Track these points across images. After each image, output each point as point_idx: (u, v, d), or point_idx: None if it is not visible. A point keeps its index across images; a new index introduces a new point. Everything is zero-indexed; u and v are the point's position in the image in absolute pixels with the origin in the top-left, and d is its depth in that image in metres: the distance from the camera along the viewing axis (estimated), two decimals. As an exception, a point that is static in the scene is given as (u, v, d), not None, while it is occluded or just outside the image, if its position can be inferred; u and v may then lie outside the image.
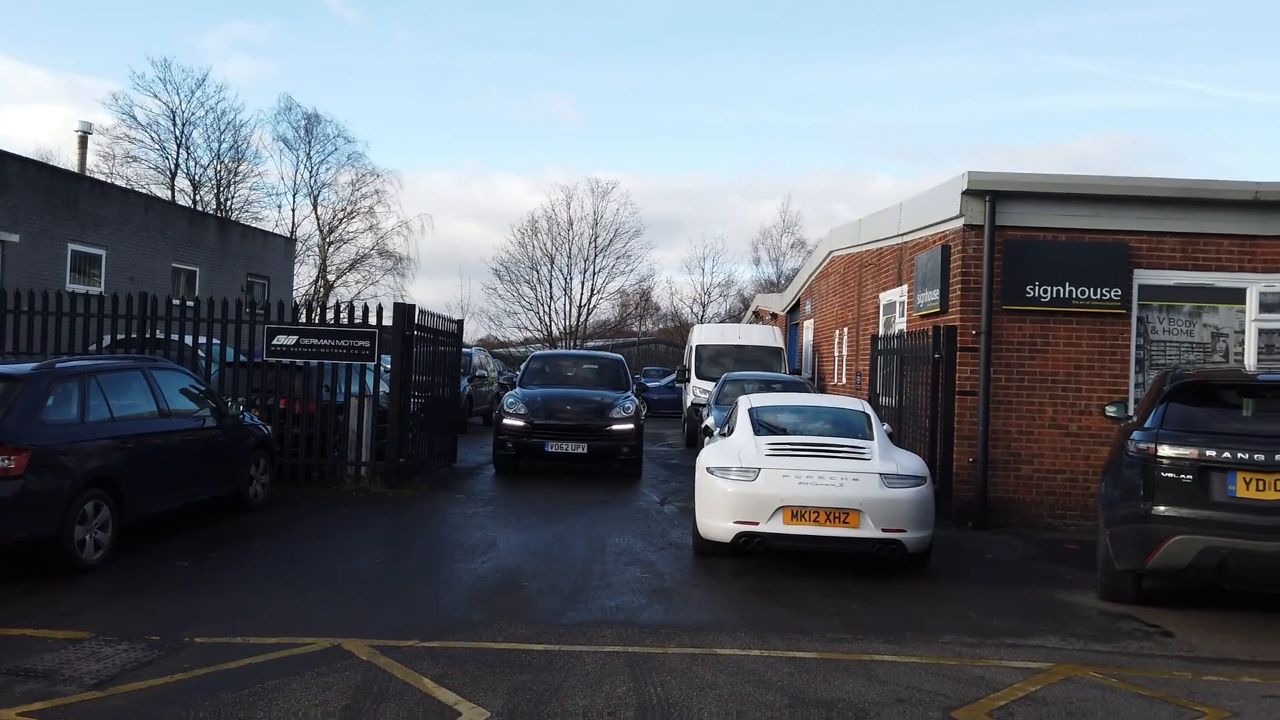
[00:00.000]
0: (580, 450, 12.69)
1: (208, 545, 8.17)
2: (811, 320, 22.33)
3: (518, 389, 14.12)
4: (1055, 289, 10.57)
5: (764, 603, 6.94)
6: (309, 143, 46.47)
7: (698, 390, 18.65)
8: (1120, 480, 6.89)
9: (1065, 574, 8.21)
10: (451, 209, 78.63)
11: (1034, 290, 10.57)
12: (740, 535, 7.54)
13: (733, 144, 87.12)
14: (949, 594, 7.40)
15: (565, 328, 53.57)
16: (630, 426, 13.06)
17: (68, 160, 31.48)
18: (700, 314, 55.21)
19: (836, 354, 18.26)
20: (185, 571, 7.32)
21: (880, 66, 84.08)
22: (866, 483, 7.47)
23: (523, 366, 15.86)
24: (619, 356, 15.95)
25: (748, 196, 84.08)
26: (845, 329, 17.52)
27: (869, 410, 8.94)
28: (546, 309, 53.34)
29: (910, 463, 8.00)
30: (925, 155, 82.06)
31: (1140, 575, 6.93)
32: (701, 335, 21.30)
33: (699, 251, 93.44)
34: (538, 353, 17.62)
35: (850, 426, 8.48)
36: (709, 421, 11.25)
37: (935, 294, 11.28)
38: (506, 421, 12.96)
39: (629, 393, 14.16)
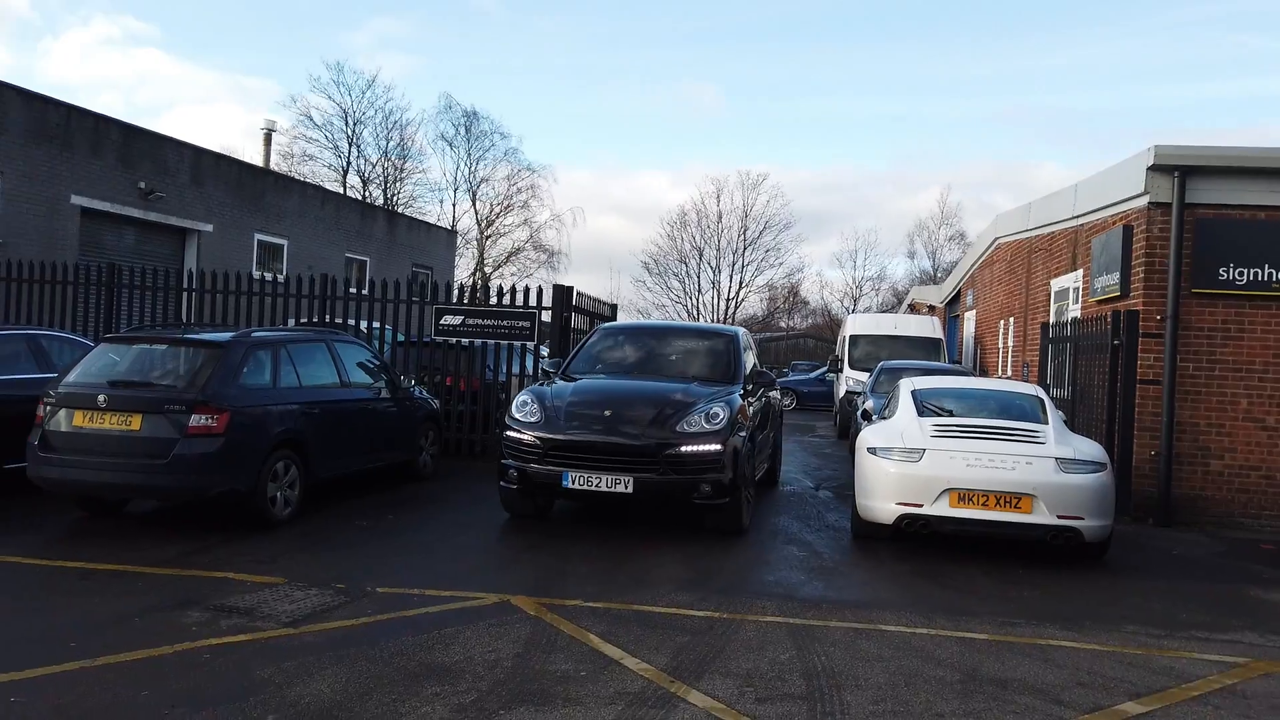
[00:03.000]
0: (620, 488, 7.41)
1: (383, 508, 8.64)
2: (973, 311, 21.47)
3: (545, 383, 8.82)
4: (1253, 272, 9.75)
5: (928, 585, 6.73)
6: (468, 140, 48.43)
7: (851, 380, 18.26)
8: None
9: (1263, 573, 7.58)
10: (592, 204, 79.92)
11: (1228, 273, 9.78)
12: (903, 517, 7.34)
13: (884, 134, 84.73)
14: (1130, 586, 6.97)
15: (713, 320, 53.55)
16: (714, 447, 7.52)
17: (245, 158, 33.92)
18: (851, 309, 54.02)
19: (1001, 345, 17.49)
20: (364, 530, 7.76)
21: (1047, 51, 79.79)
22: (1041, 467, 7.12)
23: (579, 344, 10.08)
24: (733, 330, 10.00)
25: (901, 188, 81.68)
26: (1011, 318, 16.75)
27: (1042, 394, 8.52)
28: (694, 302, 53.52)
29: (1089, 448, 7.57)
30: (1097, 143, 77.43)
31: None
32: (856, 324, 20.85)
33: (850, 245, 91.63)
34: (606, 325, 10.98)
35: (1022, 410, 8.10)
36: (867, 405, 10.62)
37: (1115, 278, 10.62)
38: (510, 434, 7.92)
39: (733, 388, 8.51)
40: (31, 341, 8.82)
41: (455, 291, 12.59)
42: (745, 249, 53.31)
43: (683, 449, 7.51)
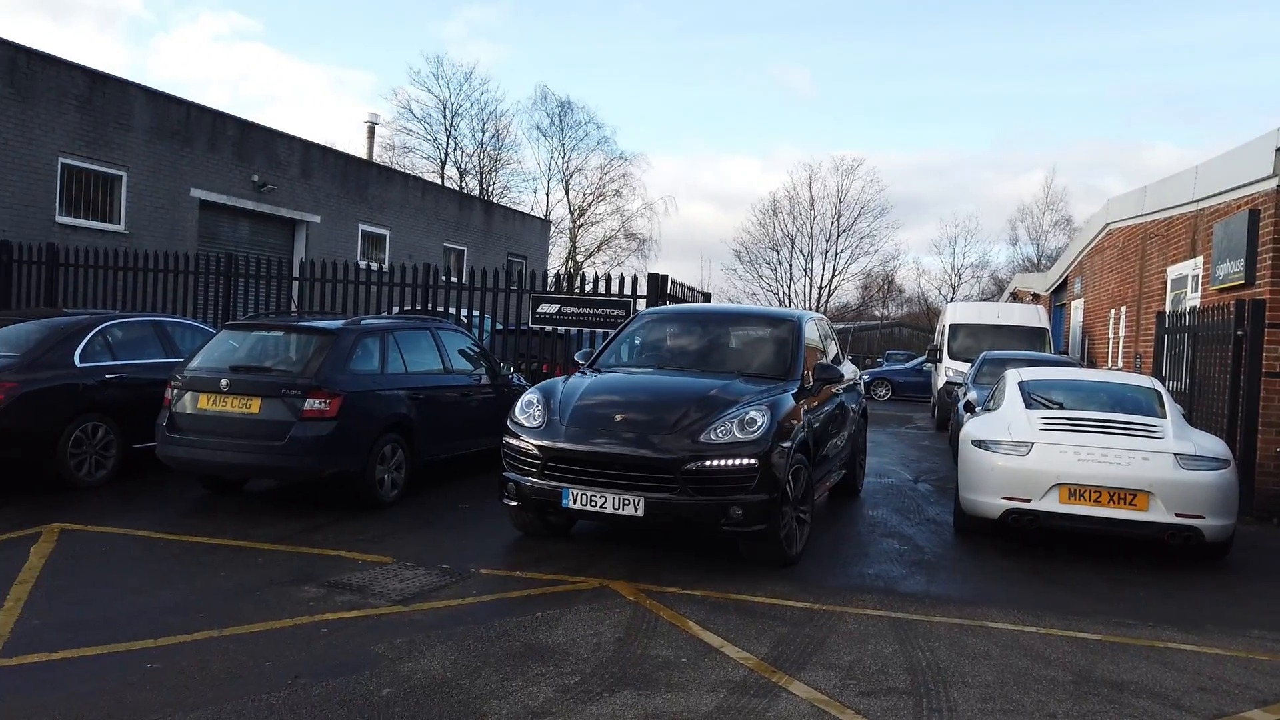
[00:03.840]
0: (630, 510, 6.05)
1: (484, 492, 8.83)
2: (1081, 300, 20.69)
3: (566, 377, 7.50)
4: (1396, 258, 9.12)
5: (1036, 582, 6.53)
6: (562, 130, 48.92)
7: (950, 370, 17.80)
8: None
9: (1404, 581, 7.10)
10: (682, 191, 79.70)
11: (1366, 259, 9.17)
12: (1009, 512, 7.14)
13: (985, 116, 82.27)
14: (1255, 589, 6.63)
15: (805, 309, 52.97)
16: (748, 461, 6.09)
17: (347, 150, 34.96)
18: (950, 297, 52.68)
19: (1111, 335, 16.80)
20: (466, 513, 7.96)
21: (1161, 25, 76.00)
22: (1158, 463, 6.83)
23: (616, 331, 8.53)
24: (797, 315, 8.12)
25: (1002, 171, 79.13)
26: (1123, 307, 16.08)
27: (1159, 387, 8.16)
28: (786, 290, 53.00)
29: (1211, 444, 7.22)
30: (1217, 123, 73.52)
31: None
32: (956, 313, 20.30)
33: (948, 231, 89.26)
34: (650, 310, 9.37)
35: (1137, 404, 7.78)
36: (970, 396, 10.21)
37: (1239, 265, 10.08)
38: (508, 440, 6.78)
39: (787, 385, 7.02)
40: (158, 327, 9.32)
41: (550, 280, 12.77)
42: (838, 236, 52.57)
43: (707, 463, 6.03)
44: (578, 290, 12.62)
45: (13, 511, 7.15)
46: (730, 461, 6.10)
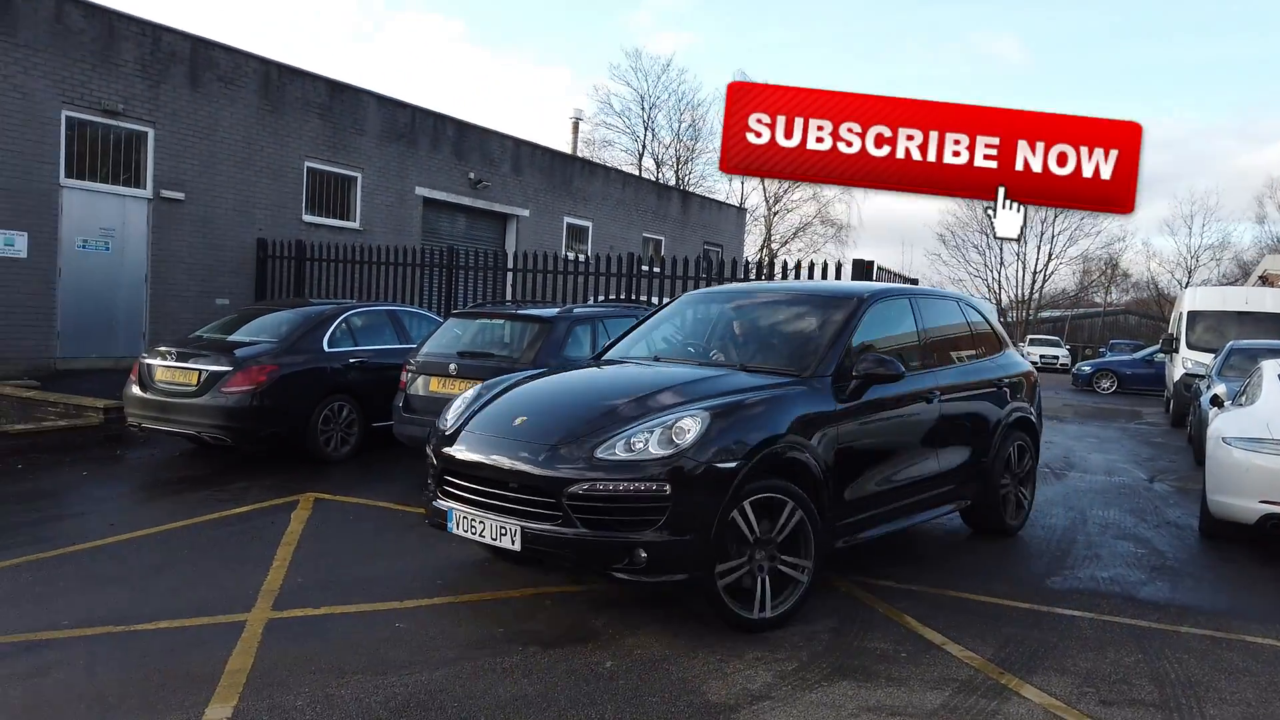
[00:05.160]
0: (506, 542, 4.71)
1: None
2: (1348, 283, 18.36)
3: (541, 371, 6.37)
4: None
5: (1301, 596, 5.89)
6: (759, 117, 48.52)
7: (1189, 361, 16.29)
8: None
9: None
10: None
11: None
12: (1268, 517, 6.46)
13: (1223, 81, 74.62)
14: None
15: (1016, 296, 50.13)
16: (653, 486, 4.48)
17: (550, 145, 36.26)
18: (1185, 282, 48.11)
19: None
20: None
21: None
22: None
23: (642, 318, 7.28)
24: (859, 291, 6.20)
25: (1246, 141, 71.57)
26: (1403, 291, 14.12)
27: None
28: (996, 276, 50.31)
29: None
30: None
31: None
32: (1195, 299, 18.53)
33: (1183, 209, 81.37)
34: (691, 292, 7.63)
35: None
36: (1218, 390, 9.28)
37: None
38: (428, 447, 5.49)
39: (807, 381, 5.33)
40: (392, 315, 10.09)
41: (746, 267, 12.74)
42: (1055, 217, 49.16)
43: (600, 486, 4.48)
44: (777, 278, 12.50)
45: (275, 481, 7.97)
46: (630, 485, 4.46)
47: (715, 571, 4.58)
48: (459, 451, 5.06)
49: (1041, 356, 37.36)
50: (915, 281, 15.22)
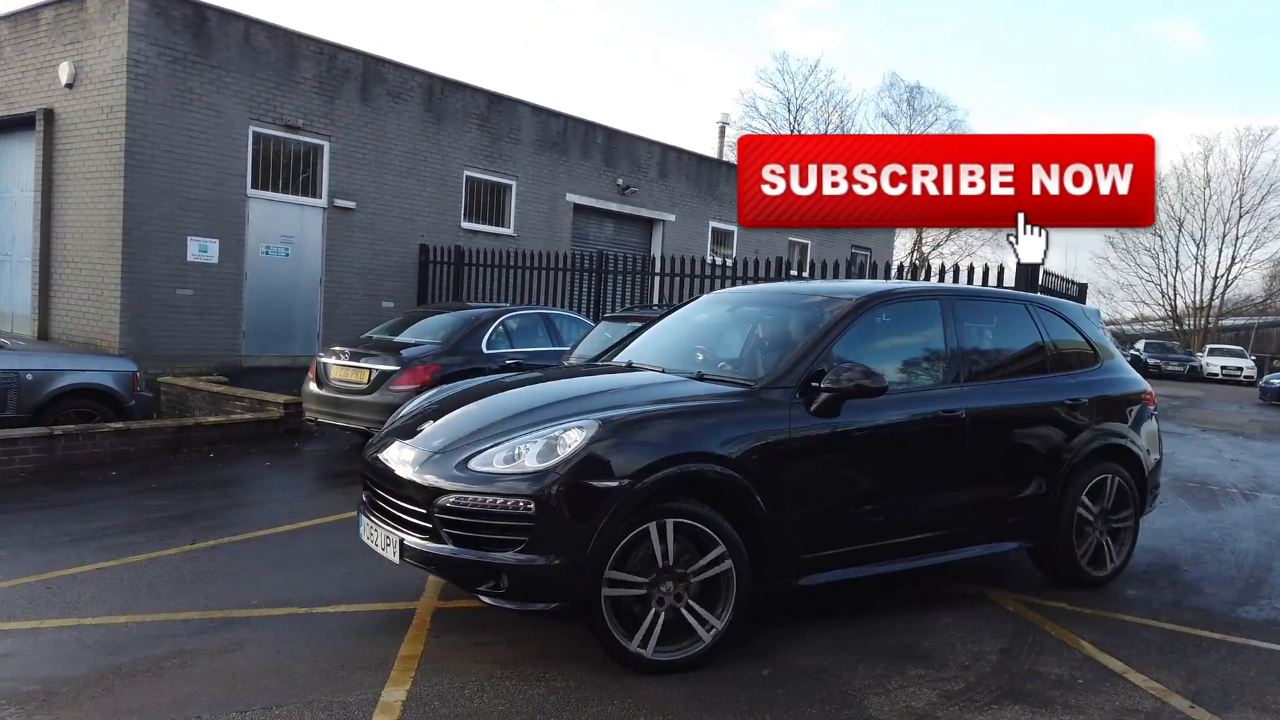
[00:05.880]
0: (390, 553, 4.44)
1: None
2: None
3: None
4: None
5: None
6: (910, 115, 47.28)
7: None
8: None
9: None
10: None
11: None
12: None
13: None
14: None
15: (1193, 302, 46.71)
16: (519, 502, 4.01)
17: (690, 149, 36.30)
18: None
19: None
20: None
21: None
22: None
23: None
24: (863, 292, 5.26)
25: None
26: None
27: None
28: (1171, 280, 47.06)
29: None
30: None
31: None
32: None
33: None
34: (712, 294, 6.75)
35: None
36: None
37: None
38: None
39: (758, 391, 4.60)
40: (545, 318, 10.37)
41: (894, 272, 12.38)
42: (1240, 218, 45.51)
43: (465, 498, 4.09)
44: (919, 277, 12.09)
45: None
46: (491, 499, 4.05)
47: (603, 596, 4.05)
48: (370, 453, 4.81)
49: (1222, 368, 34.75)
50: (1084, 288, 14.38)
